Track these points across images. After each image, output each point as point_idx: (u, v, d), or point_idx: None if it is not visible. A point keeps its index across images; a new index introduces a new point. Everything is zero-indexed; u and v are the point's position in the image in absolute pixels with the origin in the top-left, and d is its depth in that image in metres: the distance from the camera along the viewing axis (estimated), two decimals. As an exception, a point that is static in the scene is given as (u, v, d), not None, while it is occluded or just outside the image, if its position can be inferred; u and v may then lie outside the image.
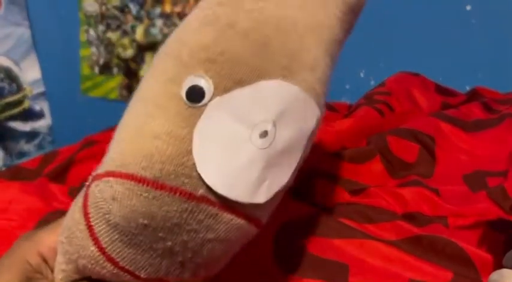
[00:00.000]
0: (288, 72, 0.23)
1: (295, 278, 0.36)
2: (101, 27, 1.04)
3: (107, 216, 0.22)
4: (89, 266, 0.24)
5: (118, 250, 0.23)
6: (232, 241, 0.24)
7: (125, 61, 1.03)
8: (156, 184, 0.22)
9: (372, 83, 0.85)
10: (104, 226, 0.23)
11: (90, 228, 0.23)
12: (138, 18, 1.00)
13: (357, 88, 0.86)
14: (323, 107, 0.26)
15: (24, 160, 1.07)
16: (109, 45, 1.04)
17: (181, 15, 0.94)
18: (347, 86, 0.92)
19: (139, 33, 1.01)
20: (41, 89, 1.09)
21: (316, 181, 0.48)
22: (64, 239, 0.25)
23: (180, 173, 0.22)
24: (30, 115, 1.09)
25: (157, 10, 0.97)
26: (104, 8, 1.02)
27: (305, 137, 0.25)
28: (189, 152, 0.22)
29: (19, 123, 1.08)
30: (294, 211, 0.43)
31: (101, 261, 0.24)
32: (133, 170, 0.22)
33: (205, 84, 0.22)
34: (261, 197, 0.23)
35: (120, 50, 1.03)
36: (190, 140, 0.22)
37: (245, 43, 0.23)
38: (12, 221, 0.39)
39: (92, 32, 1.05)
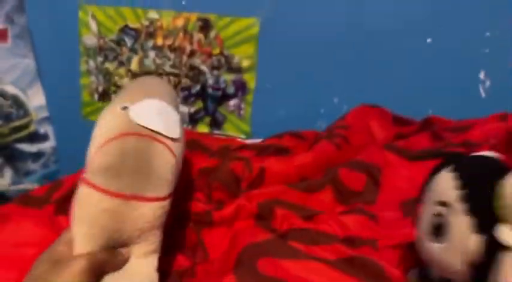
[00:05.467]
0: None
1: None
2: (99, 59, 1.09)
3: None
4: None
5: None
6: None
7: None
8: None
9: (345, 107, 0.91)
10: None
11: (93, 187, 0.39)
12: (133, 50, 1.05)
13: (331, 112, 0.94)
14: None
15: (30, 178, 1.15)
16: (107, 75, 1.10)
17: (172, 48, 1.00)
18: (322, 110, 0.99)
19: (134, 64, 1.06)
20: (45, 114, 1.17)
21: (277, 209, 0.57)
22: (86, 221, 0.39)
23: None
24: (36, 137, 1.16)
25: (150, 43, 1.02)
26: (101, 41, 1.07)
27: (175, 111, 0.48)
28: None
29: (26, 145, 1.15)
30: (254, 236, 0.52)
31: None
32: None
33: None
34: (177, 134, 0.44)
35: (117, 78, 1.09)
36: None
37: None
38: (28, 251, 0.48)
39: (91, 62, 1.10)
